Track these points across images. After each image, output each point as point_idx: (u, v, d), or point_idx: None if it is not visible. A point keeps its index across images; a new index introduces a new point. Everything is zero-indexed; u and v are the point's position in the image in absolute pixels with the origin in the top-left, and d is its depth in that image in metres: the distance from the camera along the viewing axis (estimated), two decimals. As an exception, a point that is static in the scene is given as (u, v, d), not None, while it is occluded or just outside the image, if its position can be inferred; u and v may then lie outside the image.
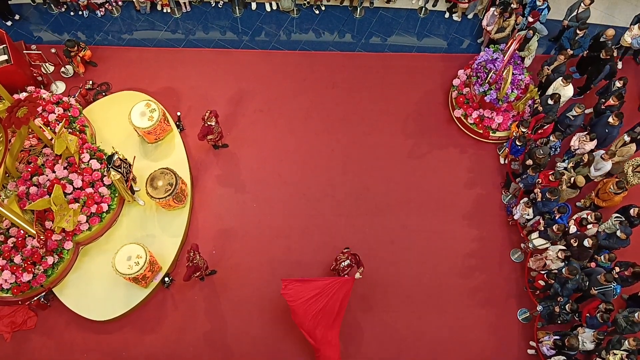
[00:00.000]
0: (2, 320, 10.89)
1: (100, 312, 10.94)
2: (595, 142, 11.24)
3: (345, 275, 10.66)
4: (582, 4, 12.23)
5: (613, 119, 11.06)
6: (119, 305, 10.99)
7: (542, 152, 10.98)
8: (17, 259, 10.51)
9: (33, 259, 10.54)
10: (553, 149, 11.34)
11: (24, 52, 12.45)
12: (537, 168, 10.97)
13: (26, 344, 10.97)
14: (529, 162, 11.16)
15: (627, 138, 11.17)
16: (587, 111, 12.62)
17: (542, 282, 10.62)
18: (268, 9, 14.08)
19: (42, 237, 10.33)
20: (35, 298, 10.78)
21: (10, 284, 10.51)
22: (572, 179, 10.73)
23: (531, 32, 12.00)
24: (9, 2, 13.47)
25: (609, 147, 11.45)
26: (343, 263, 10.63)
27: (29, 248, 10.60)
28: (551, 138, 11.18)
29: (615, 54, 11.88)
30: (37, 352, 10.93)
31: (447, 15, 14.11)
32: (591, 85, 12.59)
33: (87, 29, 13.71)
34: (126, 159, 11.10)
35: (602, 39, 11.90)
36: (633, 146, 11.21)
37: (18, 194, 10.86)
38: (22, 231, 10.61)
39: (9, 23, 13.60)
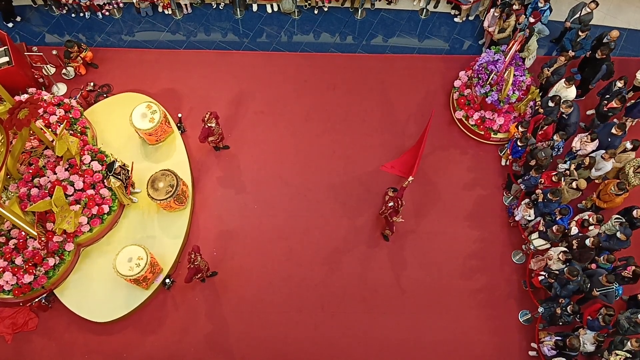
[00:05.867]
0: (3, 322, 10.89)
1: (101, 313, 10.95)
2: (596, 142, 11.22)
3: (387, 215, 10.97)
4: (586, 7, 12.20)
5: (616, 130, 11.05)
6: (120, 307, 10.99)
7: (544, 154, 10.96)
8: (19, 261, 10.53)
9: (34, 261, 10.55)
10: (556, 149, 11.32)
11: (25, 53, 12.47)
12: (540, 169, 10.96)
13: (27, 345, 10.97)
14: (533, 162, 11.11)
15: (629, 146, 11.13)
16: (588, 112, 12.64)
17: (541, 278, 10.59)
18: (269, 10, 14.09)
19: (43, 239, 10.34)
20: (37, 299, 10.78)
21: (12, 285, 10.52)
22: (575, 182, 10.71)
23: (528, 31, 11.97)
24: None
25: (610, 150, 11.45)
26: (389, 204, 10.71)
27: (30, 249, 10.61)
28: (555, 138, 11.17)
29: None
30: (38, 354, 10.93)
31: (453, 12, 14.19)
32: (589, 86, 12.56)
33: (89, 31, 13.74)
34: (124, 164, 11.12)
35: (605, 40, 11.87)
36: (632, 154, 11.19)
37: (19, 195, 10.87)
38: (23, 233, 10.62)
39: (10, 25, 13.63)
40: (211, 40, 13.75)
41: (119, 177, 10.88)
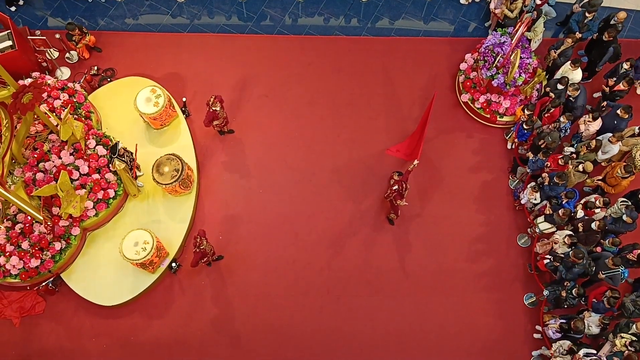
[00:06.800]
0: (11, 306, 10.97)
1: (108, 297, 11.02)
2: (599, 121, 11.14)
3: (392, 199, 10.92)
4: None
5: (621, 112, 10.97)
6: (127, 291, 11.05)
7: (550, 138, 10.90)
8: (25, 245, 10.57)
9: (41, 245, 10.58)
10: (563, 131, 11.26)
11: (29, 37, 12.40)
12: (547, 152, 10.91)
13: (35, 329, 11.07)
14: (541, 142, 11.02)
15: (637, 130, 11.05)
16: (595, 95, 12.56)
17: (546, 261, 10.60)
18: (273, -8, 13.96)
19: (49, 223, 10.38)
20: (44, 283, 10.83)
21: (19, 269, 10.57)
22: (581, 165, 10.67)
23: (535, 13, 11.84)
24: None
25: (618, 133, 11.38)
26: (394, 187, 10.67)
27: (37, 234, 10.64)
28: (562, 119, 11.10)
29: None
30: (45, 337, 11.03)
31: None
32: (595, 69, 12.46)
33: (91, 14, 13.63)
34: (125, 148, 11.08)
35: (612, 22, 11.73)
36: None
37: (25, 180, 10.88)
38: (29, 217, 10.64)
39: (13, 8, 13.53)
40: (215, 23, 13.65)
41: (123, 159, 10.84)
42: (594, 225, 10.18)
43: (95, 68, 12.79)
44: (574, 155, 11.11)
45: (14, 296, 11.03)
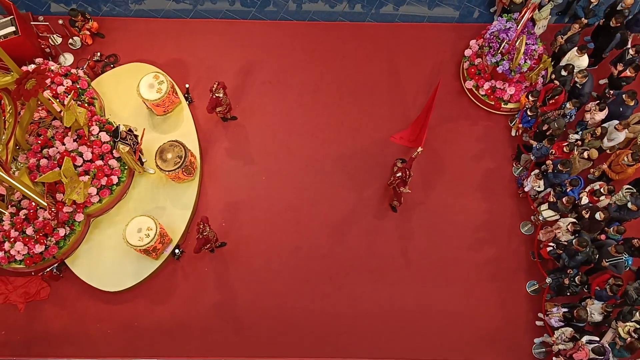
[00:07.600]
0: (15, 291, 11.06)
1: (112, 283, 11.09)
2: (605, 111, 11.05)
3: (395, 186, 10.92)
4: None
5: (627, 99, 10.86)
6: (130, 277, 11.11)
7: (556, 125, 10.82)
8: (29, 231, 10.62)
9: (45, 231, 10.64)
10: (568, 117, 11.16)
11: (32, 23, 12.36)
12: (552, 139, 10.84)
13: (40, 314, 11.16)
14: (545, 127, 10.94)
15: None
16: (601, 81, 12.44)
17: (549, 249, 10.57)
18: (276, -22, 13.85)
19: (53, 209, 10.41)
20: (48, 269, 10.91)
21: (23, 255, 10.64)
22: (586, 152, 10.60)
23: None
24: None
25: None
26: (397, 174, 10.66)
27: (41, 220, 10.70)
28: (567, 105, 11.00)
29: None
30: (50, 322, 11.13)
31: None
32: (602, 55, 12.33)
33: (94, 0, 13.55)
34: (129, 130, 11.02)
35: (619, 8, 11.59)
36: None
37: (29, 166, 10.92)
38: (33, 203, 10.69)
39: (15, -6, 13.51)
40: (218, 9, 13.57)
41: (127, 142, 10.83)
42: (598, 217, 10.13)
43: (98, 54, 12.76)
44: (579, 143, 11.03)
45: (18, 281, 11.11)
